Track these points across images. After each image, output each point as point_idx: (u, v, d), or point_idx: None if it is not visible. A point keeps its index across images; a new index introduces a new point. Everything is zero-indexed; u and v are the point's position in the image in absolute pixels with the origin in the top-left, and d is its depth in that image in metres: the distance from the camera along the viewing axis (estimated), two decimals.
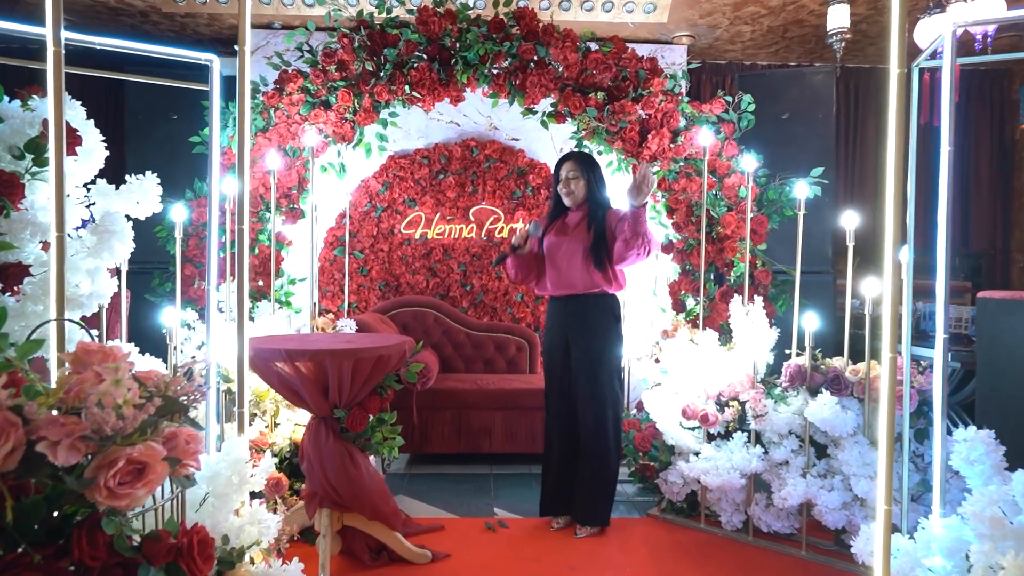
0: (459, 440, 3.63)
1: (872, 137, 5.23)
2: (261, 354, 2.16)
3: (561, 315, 2.80)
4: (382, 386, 2.39)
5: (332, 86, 3.31)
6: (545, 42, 3.28)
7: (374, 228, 4.49)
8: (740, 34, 4.59)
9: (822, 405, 2.40)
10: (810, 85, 3.97)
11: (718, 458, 2.71)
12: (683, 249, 3.37)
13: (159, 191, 1.97)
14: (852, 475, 2.41)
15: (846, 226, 2.67)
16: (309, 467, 2.33)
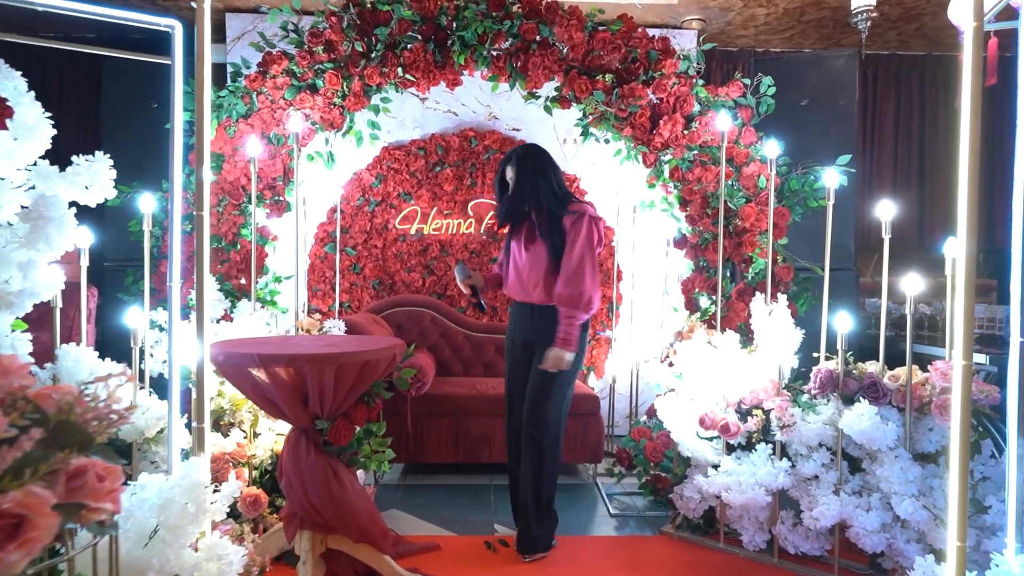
0: (457, 449, 3.39)
1: (891, 127, 4.98)
2: (232, 359, 1.92)
3: (524, 320, 2.61)
4: (370, 394, 2.15)
5: (319, 69, 3.06)
6: (549, 20, 3.03)
7: (367, 223, 4.25)
8: (754, 17, 4.34)
9: (859, 415, 2.16)
10: (831, 70, 3.73)
11: (740, 472, 2.47)
12: (697, 244, 3.13)
13: (112, 174, 1.73)
14: (893, 493, 2.17)
15: (881, 216, 2.42)
16: (288, 485, 2.09)
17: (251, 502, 2.36)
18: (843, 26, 4.41)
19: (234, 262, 3.07)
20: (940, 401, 2.12)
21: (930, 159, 5.01)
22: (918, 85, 4.99)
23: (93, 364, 2.11)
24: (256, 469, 2.55)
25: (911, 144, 5.01)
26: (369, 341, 2.19)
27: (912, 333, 2.26)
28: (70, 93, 4.82)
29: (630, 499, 3.23)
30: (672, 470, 2.89)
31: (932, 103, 4.99)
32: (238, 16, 4.28)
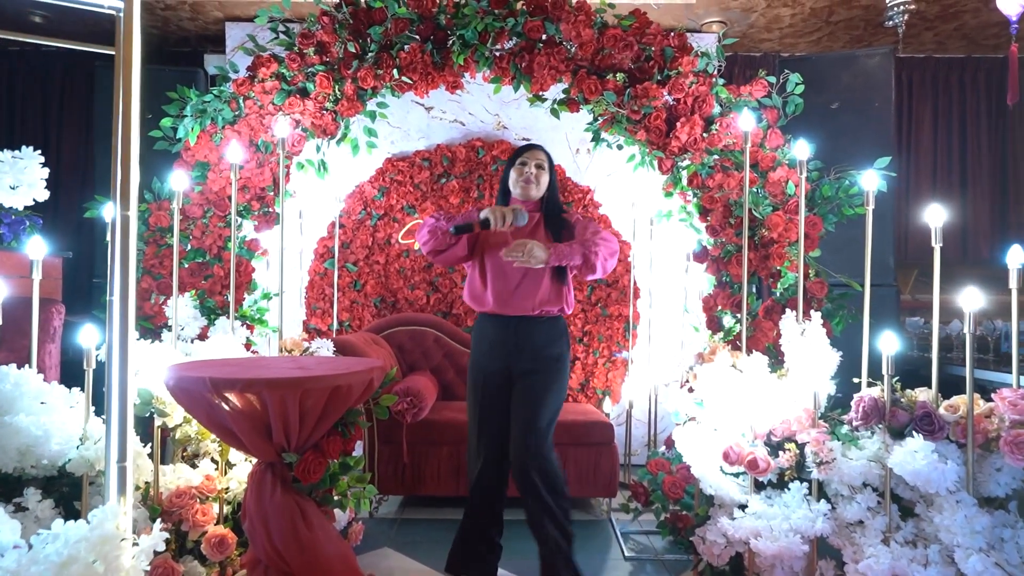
0: (458, 481, 3.11)
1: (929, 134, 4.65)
2: (183, 382, 1.68)
3: (505, 340, 2.27)
4: (345, 423, 1.89)
5: (310, 72, 2.86)
6: (555, 17, 2.80)
7: (369, 238, 4.03)
8: (778, 19, 4.08)
9: (913, 453, 1.85)
10: (864, 70, 3.44)
11: (771, 515, 2.15)
12: (719, 257, 2.84)
13: (43, 172, 1.51)
14: (956, 546, 1.84)
15: (931, 223, 2.12)
16: (251, 528, 1.83)
17: (217, 543, 2.10)
18: (875, 27, 4.13)
19: (218, 277, 2.85)
20: (1011, 437, 1.80)
21: (972, 168, 4.67)
22: (957, 89, 4.67)
23: (37, 387, 1.89)
24: (229, 504, 2.30)
25: (951, 152, 4.67)
26: (344, 364, 1.93)
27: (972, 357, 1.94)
28: (70, 102, 4.73)
29: (647, 539, 2.91)
30: (692, 507, 2.58)
31: (973, 108, 4.66)
32: (238, 25, 4.14)
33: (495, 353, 2.29)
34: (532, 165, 2.30)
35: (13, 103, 4.72)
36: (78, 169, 4.70)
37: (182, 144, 2.89)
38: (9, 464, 1.84)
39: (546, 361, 2.27)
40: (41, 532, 1.29)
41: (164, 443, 2.27)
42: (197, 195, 2.87)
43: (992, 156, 4.66)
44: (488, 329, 2.32)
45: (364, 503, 2.02)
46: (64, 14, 4.07)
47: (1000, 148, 4.70)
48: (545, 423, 2.23)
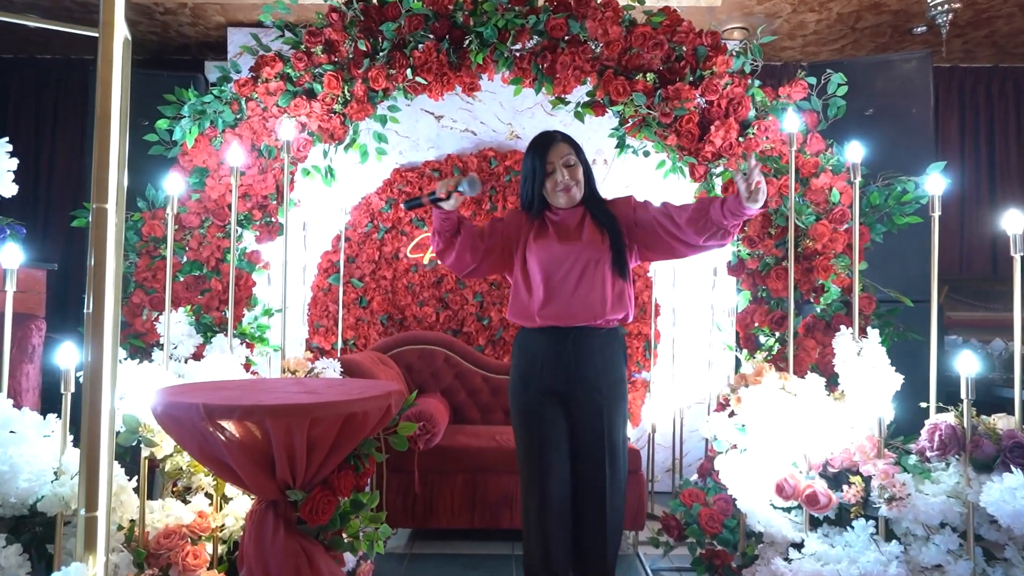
0: (473, 513, 2.86)
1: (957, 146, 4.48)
2: (173, 409, 1.45)
3: (562, 356, 1.92)
4: (358, 456, 1.66)
5: (317, 72, 2.66)
6: (579, 14, 2.62)
7: (376, 252, 3.83)
8: (802, 25, 3.92)
9: (1011, 490, 1.61)
10: (899, 75, 3.27)
11: (834, 557, 1.92)
12: (756, 270, 2.62)
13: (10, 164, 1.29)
14: None
15: (1009, 229, 1.91)
16: (249, 574, 1.58)
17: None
18: (902, 33, 3.97)
19: (215, 291, 2.63)
20: None
21: (1001, 180, 4.49)
22: (985, 98, 4.51)
23: (6, 415, 1.65)
24: (224, 543, 2.05)
25: (979, 164, 4.50)
26: (358, 387, 1.70)
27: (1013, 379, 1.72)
28: (64, 109, 4.57)
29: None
30: (734, 544, 2.34)
31: (1002, 118, 4.50)
32: (240, 31, 3.97)
33: (550, 372, 1.92)
34: (561, 169, 1.96)
35: (5, 113, 4.56)
36: (71, 182, 4.51)
37: (179, 148, 2.68)
38: None
39: (614, 380, 1.95)
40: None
41: (152, 475, 2.04)
42: (194, 203, 2.65)
43: (1021, 169, 4.49)
44: (539, 343, 1.94)
45: (378, 545, 1.78)
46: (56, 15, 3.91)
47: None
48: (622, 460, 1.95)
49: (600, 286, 1.91)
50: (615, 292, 1.94)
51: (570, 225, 1.99)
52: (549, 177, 1.97)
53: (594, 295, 1.91)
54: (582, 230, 1.97)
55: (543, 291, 1.93)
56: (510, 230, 2.03)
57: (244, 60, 3.02)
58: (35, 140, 4.52)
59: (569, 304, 1.91)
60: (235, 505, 2.09)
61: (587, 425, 1.92)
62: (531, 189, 2.00)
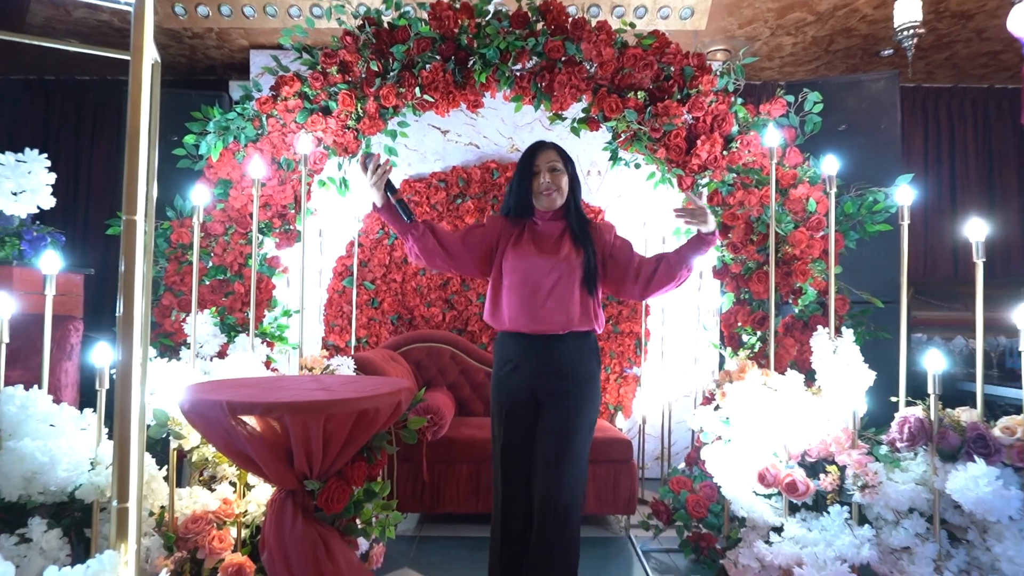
0: (477, 499, 2.84)
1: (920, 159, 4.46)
2: (199, 406, 1.43)
3: (534, 360, 1.87)
4: (370, 448, 1.64)
5: (332, 91, 2.64)
6: (575, 37, 2.59)
7: (386, 257, 3.80)
8: (780, 47, 3.89)
9: (974, 478, 1.59)
10: (870, 94, 3.25)
11: (811, 540, 1.90)
12: (740, 274, 2.60)
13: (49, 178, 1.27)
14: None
15: (972, 238, 1.89)
16: (270, 560, 1.57)
17: (234, 572, 1.82)
18: (871, 55, 3.95)
19: (238, 294, 2.61)
20: None
21: (960, 191, 4.47)
22: (946, 116, 4.48)
23: (46, 409, 1.63)
24: (247, 527, 2.03)
25: (941, 175, 4.47)
26: (371, 384, 1.68)
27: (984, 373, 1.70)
28: (100, 126, 4.53)
29: (669, 557, 2.64)
30: (719, 528, 2.32)
31: (962, 134, 4.47)
32: (262, 52, 3.94)
33: (523, 374, 1.88)
34: (545, 172, 1.89)
35: (48, 130, 4.53)
36: (107, 193, 4.49)
37: (204, 161, 2.66)
38: (13, 492, 1.58)
39: (578, 381, 1.87)
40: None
41: (180, 465, 2.02)
42: (219, 212, 2.63)
43: (980, 179, 4.47)
44: (512, 349, 1.91)
45: (389, 530, 1.76)
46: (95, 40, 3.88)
47: (987, 172, 4.51)
48: (576, 451, 1.84)
49: (568, 300, 1.86)
50: (582, 307, 1.88)
51: (550, 237, 1.93)
52: (535, 178, 1.92)
53: (562, 307, 1.85)
54: (560, 244, 1.91)
55: (516, 298, 1.88)
56: (491, 236, 1.96)
57: (265, 80, 2.99)
58: (74, 155, 4.49)
59: (538, 314, 1.85)
60: (257, 493, 2.06)
61: (550, 418, 1.86)
62: (517, 187, 1.94)
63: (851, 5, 3.34)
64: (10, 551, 1.49)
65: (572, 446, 1.85)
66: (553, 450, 1.84)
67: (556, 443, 1.84)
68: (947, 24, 3.52)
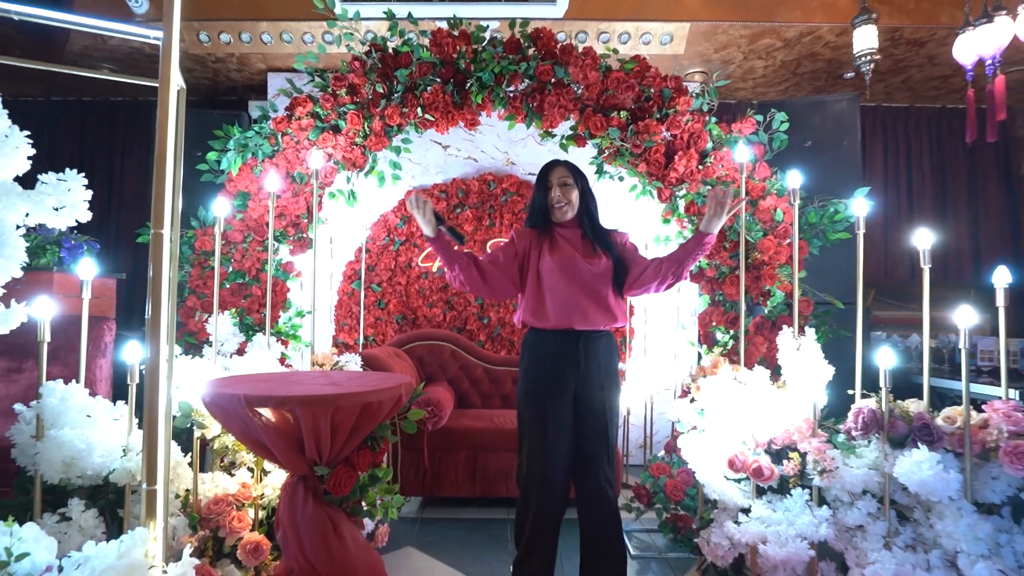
0: (474, 483, 2.87)
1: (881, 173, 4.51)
2: (219, 399, 1.47)
3: (569, 356, 1.89)
4: (374, 437, 1.67)
5: (342, 111, 2.68)
6: (564, 62, 2.63)
7: (392, 261, 3.83)
8: (752, 70, 3.94)
9: (918, 463, 1.63)
10: (833, 113, 3.29)
11: (775, 520, 1.93)
12: (714, 278, 2.64)
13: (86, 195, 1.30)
14: (959, 552, 1.62)
15: (919, 246, 1.93)
16: (284, 538, 1.60)
17: (252, 549, 1.86)
18: (835, 78, 3.99)
19: (256, 297, 2.64)
20: (1011, 447, 1.59)
21: (917, 200, 4.52)
22: (903, 133, 4.53)
23: (83, 402, 1.66)
24: (264, 509, 2.06)
25: (899, 187, 4.52)
26: (374, 380, 1.71)
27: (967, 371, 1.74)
28: (132, 143, 4.57)
29: (649, 537, 2.68)
30: (694, 509, 2.36)
31: (917, 149, 4.52)
32: (279, 75, 3.98)
33: (559, 370, 1.88)
34: (557, 187, 1.96)
35: (84, 146, 4.57)
36: (138, 204, 4.53)
37: (225, 175, 2.69)
38: (55, 476, 1.62)
39: (610, 375, 1.94)
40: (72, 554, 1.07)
41: (203, 452, 2.05)
42: (238, 222, 2.67)
43: (934, 191, 4.52)
44: (548, 344, 1.90)
45: (392, 512, 1.79)
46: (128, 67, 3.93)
47: (941, 184, 4.56)
48: (613, 439, 1.93)
49: (603, 298, 1.92)
50: (614, 305, 1.95)
51: (575, 242, 1.98)
52: (549, 193, 1.99)
53: (598, 305, 1.91)
54: (591, 249, 1.97)
55: (558, 297, 1.90)
56: (520, 248, 1.99)
57: (280, 101, 3.04)
58: (108, 169, 4.52)
59: (578, 310, 1.89)
60: (272, 478, 2.10)
61: (589, 411, 1.89)
62: (536, 201, 2.03)
63: (815, 33, 3.39)
64: (52, 528, 1.52)
65: (610, 436, 1.92)
66: (595, 440, 1.89)
67: (597, 434, 1.89)
68: (902, 50, 3.56)
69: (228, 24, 3.49)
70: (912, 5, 3.25)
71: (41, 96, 4.52)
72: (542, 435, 1.87)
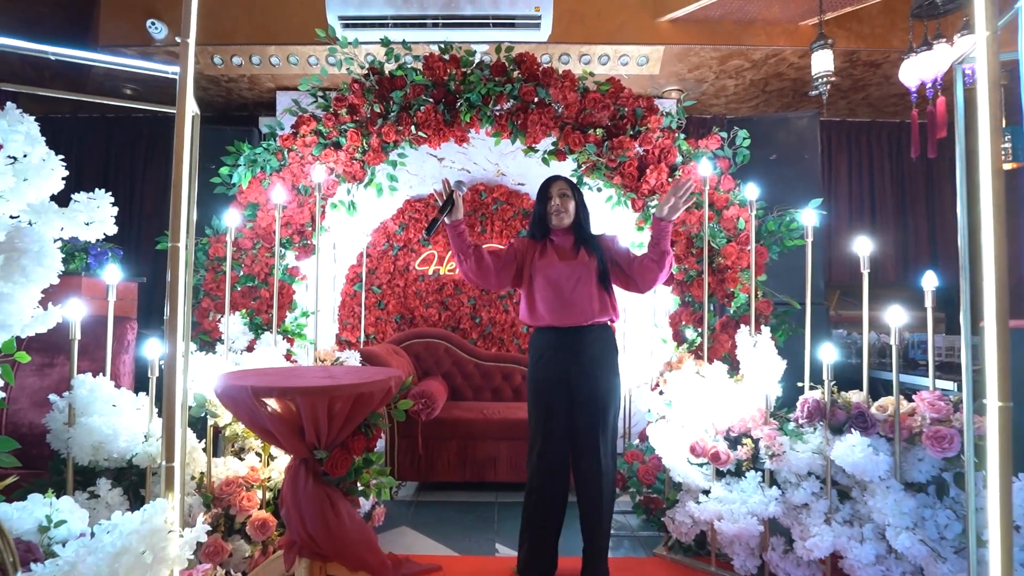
0: (464, 469, 2.98)
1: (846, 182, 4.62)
2: (230, 390, 1.58)
3: (563, 349, 2.00)
4: (367, 424, 1.79)
5: (343, 128, 2.79)
6: (545, 84, 2.75)
7: (391, 265, 3.95)
8: (724, 88, 4.05)
9: (851, 447, 1.75)
10: (795, 129, 3.40)
11: (731, 500, 2.05)
12: (683, 281, 2.76)
13: (112, 211, 1.42)
14: (887, 525, 1.74)
15: (860, 252, 2.05)
16: (287, 514, 1.71)
17: (259, 526, 1.98)
18: (801, 95, 4.10)
19: (264, 298, 2.75)
20: (932, 432, 1.71)
21: (879, 209, 4.63)
22: (866, 146, 4.64)
23: (109, 393, 1.78)
24: (270, 491, 2.18)
25: (863, 196, 4.64)
26: (367, 373, 1.83)
27: (880, 363, 1.86)
28: (153, 156, 4.68)
29: (624, 518, 2.79)
30: (664, 493, 2.47)
31: (879, 161, 4.63)
32: (287, 93, 4.09)
33: (556, 363, 2.00)
34: (556, 197, 2.11)
35: (108, 159, 4.68)
36: (157, 213, 4.64)
37: (236, 188, 2.81)
38: (85, 458, 1.73)
39: (603, 365, 2.01)
40: (101, 523, 1.18)
41: (216, 439, 2.17)
42: (248, 230, 2.78)
43: (895, 199, 4.63)
44: (547, 340, 2.03)
45: (384, 492, 1.91)
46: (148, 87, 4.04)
47: (900, 193, 4.67)
48: (611, 427, 2.00)
49: (588, 296, 2.02)
50: (600, 301, 2.04)
51: (566, 249, 2.11)
52: (549, 203, 2.13)
53: (583, 303, 2.01)
54: (576, 253, 2.09)
55: (547, 299, 2.03)
56: (519, 253, 2.14)
57: (287, 119, 3.15)
58: (129, 180, 4.63)
59: (565, 310, 2.00)
60: (278, 462, 2.21)
61: (586, 398, 1.98)
62: (537, 211, 2.17)
63: (779, 55, 3.50)
64: (83, 504, 1.63)
65: (606, 422, 1.99)
66: (590, 426, 1.97)
67: (592, 420, 1.97)
68: (860, 71, 3.68)
69: (240, 48, 3.61)
70: (868, 30, 3.36)
71: (69, 113, 4.64)
72: (544, 422, 2.00)
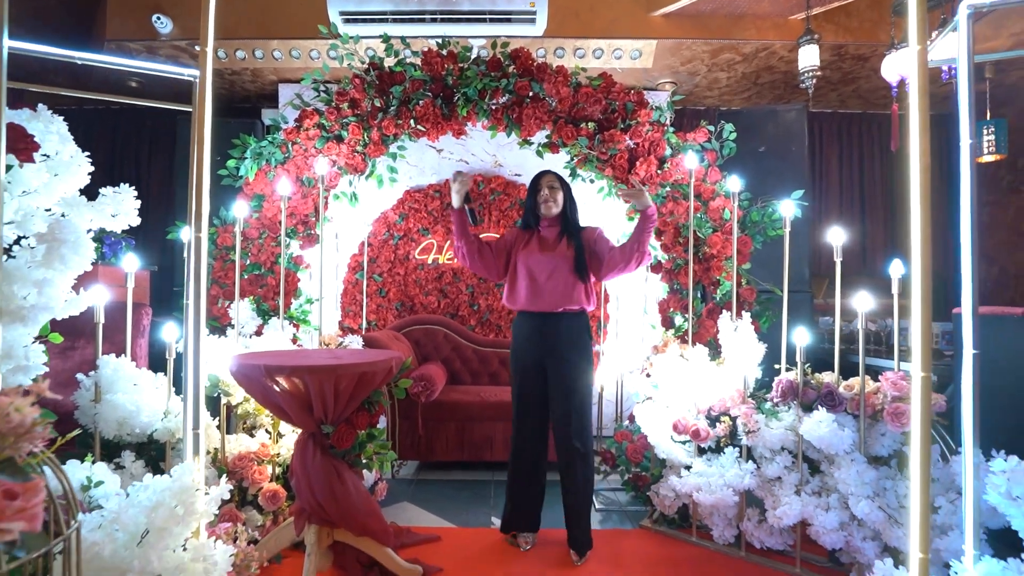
0: (462, 450, 3.14)
1: (836, 172, 4.73)
2: (244, 369, 1.72)
3: (538, 333, 2.21)
4: (370, 401, 1.93)
5: (344, 122, 2.92)
6: (539, 79, 2.86)
7: (392, 254, 4.08)
8: (717, 81, 4.15)
9: (818, 423, 1.90)
10: (783, 122, 3.51)
11: (710, 474, 2.20)
12: (671, 269, 2.89)
13: (135, 204, 1.55)
14: (850, 494, 1.89)
15: (832, 242, 2.18)
16: (297, 483, 1.87)
17: (270, 496, 2.14)
18: (792, 88, 4.21)
19: (271, 286, 2.89)
20: (892, 409, 1.85)
21: (868, 198, 4.75)
22: (856, 137, 4.75)
23: (130, 373, 1.93)
24: (280, 466, 2.33)
25: (852, 185, 4.75)
26: (369, 355, 1.97)
27: (865, 348, 2.00)
28: (156, 150, 4.79)
29: (614, 494, 2.95)
30: (649, 469, 2.62)
31: (869, 152, 4.74)
32: (289, 86, 4.20)
33: (530, 345, 2.21)
34: (546, 188, 2.30)
35: (114, 150, 4.79)
36: (162, 202, 4.75)
37: (243, 180, 2.94)
38: (110, 432, 1.88)
39: (574, 349, 2.18)
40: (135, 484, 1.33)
41: (229, 417, 2.32)
42: (255, 220, 2.91)
43: (883, 189, 4.74)
44: (523, 324, 2.25)
45: (386, 466, 2.05)
46: (154, 80, 4.15)
47: (889, 183, 4.78)
48: (578, 401, 2.17)
49: (562, 285, 2.20)
50: (575, 290, 2.21)
51: (550, 239, 2.29)
52: (539, 194, 2.31)
53: (557, 291, 2.19)
54: (557, 244, 2.27)
55: (524, 285, 2.23)
56: (508, 242, 2.35)
57: (290, 112, 3.27)
58: (135, 170, 4.76)
59: (539, 296, 2.20)
60: (287, 440, 2.37)
61: (557, 379, 2.18)
62: (528, 202, 2.36)
63: (769, 48, 3.60)
64: None
65: (575, 401, 2.16)
66: (561, 406, 2.17)
67: (563, 400, 2.17)
68: (849, 64, 3.78)
69: (243, 42, 3.71)
70: (855, 24, 3.46)
71: (75, 105, 4.74)
72: (520, 396, 2.25)
